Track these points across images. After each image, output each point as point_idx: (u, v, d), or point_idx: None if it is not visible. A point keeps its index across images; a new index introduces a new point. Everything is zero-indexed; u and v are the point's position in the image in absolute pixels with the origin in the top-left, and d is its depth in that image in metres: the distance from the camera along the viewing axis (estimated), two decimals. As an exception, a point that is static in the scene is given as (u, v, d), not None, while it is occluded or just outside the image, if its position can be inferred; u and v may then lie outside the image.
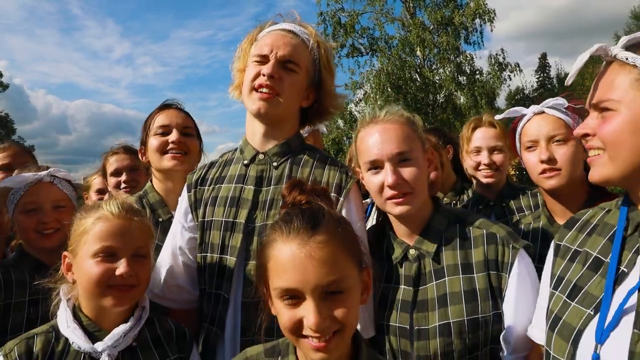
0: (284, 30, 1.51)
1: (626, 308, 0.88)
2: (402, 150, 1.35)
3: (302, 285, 0.91)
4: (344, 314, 0.92)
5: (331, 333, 0.92)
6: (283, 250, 0.94)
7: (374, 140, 1.37)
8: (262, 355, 1.09)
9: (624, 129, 0.93)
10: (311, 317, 0.89)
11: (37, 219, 1.58)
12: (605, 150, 0.97)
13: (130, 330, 1.21)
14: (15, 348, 1.15)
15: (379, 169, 1.37)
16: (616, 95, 0.95)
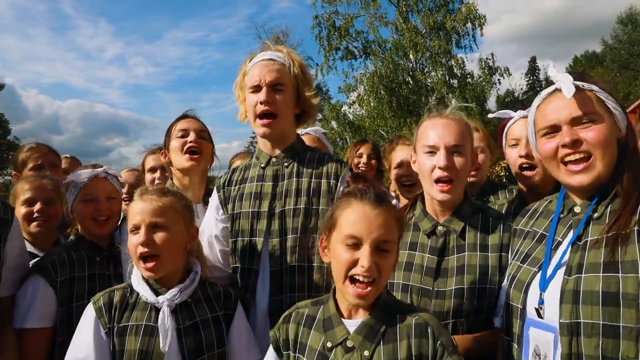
0: (265, 60, 1.86)
1: (560, 264, 1.25)
2: (457, 143, 1.60)
3: (365, 235, 1.24)
4: (384, 267, 1.26)
5: (372, 279, 1.24)
6: (358, 208, 1.27)
7: (437, 129, 1.63)
8: (309, 305, 1.42)
9: (611, 133, 1.24)
10: (365, 259, 1.22)
11: (94, 207, 1.91)
12: (595, 151, 1.24)
13: (185, 289, 1.53)
14: (101, 298, 1.49)
15: (434, 153, 1.62)
16: (594, 109, 1.25)
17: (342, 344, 1.26)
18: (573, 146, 1.25)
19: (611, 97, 1.27)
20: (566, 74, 1.27)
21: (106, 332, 1.41)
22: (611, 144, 1.25)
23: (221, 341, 1.52)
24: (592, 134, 1.23)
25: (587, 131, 1.24)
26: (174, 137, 2.18)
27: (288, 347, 1.35)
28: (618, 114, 1.27)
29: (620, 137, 1.28)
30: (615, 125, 1.26)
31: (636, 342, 1.07)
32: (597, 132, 1.23)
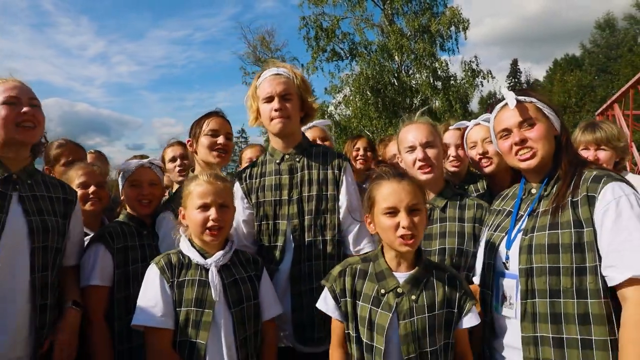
0: (273, 75, 2.23)
1: (520, 229, 1.66)
2: (428, 140, 2.09)
3: (398, 203, 1.61)
4: (419, 223, 1.62)
5: (413, 234, 1.60)
6: (388, 185, 1.64)
7: (411, 132, 2.12)
8: (360, 261, 1.78)
9: (547, 133, 1.65)
10: (404, 221, 1.60)
11: (138, 191, 2.26)
12: (538, 146, 1.65)
13: (226, 254, 1.88)
14: (161, 260, 1.83)
15: (413, 150, 2.10)
16: (533, 115, 1.67)
17: (394, 290, 1.64)
18: (521, 143, 1.67)
19: (547, 106, 1.68)
20: (511, 91, 1.69)
21: (169, 285, 1.77)
22: (548, 139, 1.66)
23: (255, 295, 1.88)
24: (534, 133, 1.65)
25: (530, 132, 1.66)
26: (204, 134, 2.46)
27: (345, 295, 1.70)
28: (553, 117, 1.68)
29: (556, 134, 1.69)
30: (551, 126, 1.68)
31: (571, 276, 1.46)
32: (537, 132, 1.65)
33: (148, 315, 1.72)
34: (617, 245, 1.41)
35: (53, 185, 1.97)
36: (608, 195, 1.47)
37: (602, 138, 2.45)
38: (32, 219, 1.78)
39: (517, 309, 1.59)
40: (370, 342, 1.61)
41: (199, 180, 1.86)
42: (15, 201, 1.78)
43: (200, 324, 1.72)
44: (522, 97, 1.68)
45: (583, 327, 1.44)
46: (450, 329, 1.62)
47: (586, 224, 1.49)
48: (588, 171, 1.58)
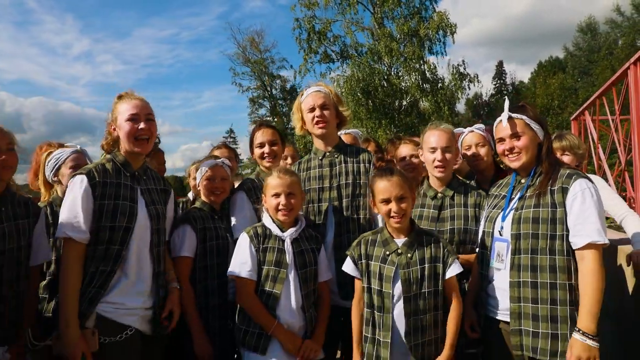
0: (315, 92, 2.80)
1: (512, 208, 2.27)
2: (447, 145, 2.60)
3: (389, 195, 2.22)
4: (405, 207, 2.22)
5: (400, 216, 2.22)
6: (381, 182, 2.25)
7: (435, 136, 2.63)
8: (370, 235, 2.38)
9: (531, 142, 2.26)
10: (394, 207, 2.21)
11: (212, 185, 2.80)
12: (524, 152, 2.26)
13: (297, 231, 2.46)
14: (251, 230, 2.42)
15: (434, 151, 2.60)
16: (520, 130, 2.27)
17: (395, 251, 2.25)
18: (510, 150, 2.28)
19: (533, 121, 2.26)
20: (507, 109, 2.27)
21: (256, 249, 2.36)
22: (531, 147, 2.24)
23: (315, 262, 2.47)
24: (520, 143, 2.25)
25: (517, 142, 2.25)
26: (255, 147, 3.10)
27: (361, 258, 2.31)
28: (537, 129, 2.26)
29: (539, 142, 2.27)
30: (535, 136, 2.26)
31: (546, 240, 2.08)
32: (522, 142, 2.24)
33: (240, 269, 2.32)
34: (581, 222, 2.04)
35: (157, 179, 2.51)
36: (577, 188, 2.09)
37: (566, 146, 3.09)
38: (150, 207, 2.32)
39: (507, 263, 2.20)
40: (379, 289, 2.23)
41: (273, 175, 2.46)
42: (139, 194, 2.31)
43: (277, 279, 2.32)
44: (515, 115, 2.28)
45: (552, 275, 2.06)
46: (437, 279, 2.20)
47: (559, 206, 2.11)
48: (562, 170, 2.20)
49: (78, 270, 2.09)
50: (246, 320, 2.35)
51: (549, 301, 2.05)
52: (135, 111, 2.28)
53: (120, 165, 2.29)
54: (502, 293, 2.22)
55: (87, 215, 2.12)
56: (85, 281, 2.11)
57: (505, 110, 2.28)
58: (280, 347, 2.29)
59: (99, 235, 2.13)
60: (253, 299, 2.32)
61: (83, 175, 2.16)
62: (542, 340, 2.04)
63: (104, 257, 2.13)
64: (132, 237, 2.20)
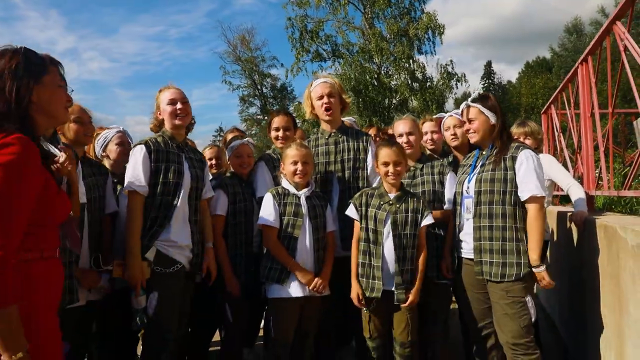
0: (323, 82, 3.40)
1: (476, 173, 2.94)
2: (410, 130, 3.28)
3: (389, 159, 2.89)
4: (400, 171, 2.91)
5: (395, 176, 2.91)
6: (385, 149, 2.92)
7: (400, 125, 3.32)
8: (370, 189, 3.05)
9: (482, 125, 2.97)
10: (391, 169, 2.89)
11: (240, 160, 3.43)
12: (476, 132, 2.99)
13: (309, 190, 3.10)
14: (273, 190, 3.06)
15: (401, 136, 3.26)
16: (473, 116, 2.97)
17: (388, 202, 2.93)
18: (468, 130, 2.96)
19: (486, 109, 2.90)
20: (465, 101, 2.99)
21: (278, 204, 2.99)
22: (482, 128, 2.89)
23: (323, 215, 3.10)
24: (473, 126, 2.92)
25: (472, 124, 2.92)
26: (272, 129, 3.69)
27: (361, 206, 2.98)
28: (490, 115, 2.89)
29: (493, 124, 2.89)
30: (487, 120, 2.89)
31: (500, 194, 2.73)
32: (474, 125, 2.91)
33: (267, 219, 2.98)
34: (525, 181, 2.72)
35: (194, 151, 3.15)
36: (522, 156, 2.76)
37: (527, 132, 3.77)
38: (192, 170, 2.94)
39: (472, 213, 2.87)
40: (374, 228, 2.89)
41: (292, 147, 3.09)
42: (184, 159, 2.93)
43: (295, 226, 2.98)
44: (472, 104, 2.95)
45: (503, 220, 2.74)
46: (416, 225, 2.89)
47: (509, 170, 2.77)
48: (513, 143, 2.88)
49: (140, 215, 2.72)
50: (270, 259, 3.00)
51: (500, 239, 2.73)
52: (174, 97, 2.93)
53: (168, 139, 2.92)
54: (469, 237, 2.89)
55: (147, 174, 2.75)
56: (148, 224, 2.74)
57: (468, 101, 2.99)
58: (296, 280, 2.94)
59: (156, 189, 2.76)
60: (276, 242, 2.97)
61: (142, 145, 2.81)
62: (494, 267, 2.72)
63: (160, 205, 2.76)
64: (181, 191, 2.83)
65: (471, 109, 2.95)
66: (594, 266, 2.87)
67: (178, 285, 2.80)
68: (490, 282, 2.76)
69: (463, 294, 3.00)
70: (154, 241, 2.73)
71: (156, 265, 2.73)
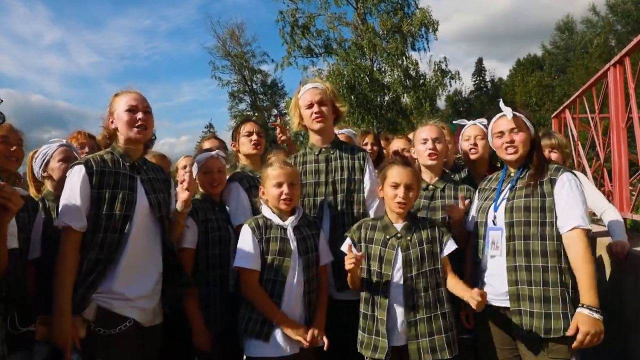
0: (312, 88, 2.85)
1: (503, 198, 2.40)
2: (437, 137, 2.75)
3: (399, 180, 2.34)
4: (410, 197, 2.35)
5: (405, 202, 2.35)
6: (396, 168, 2.37)
7: (426, 130, 2.80)
8: (371, 220, 2.50)
9: (527, 139, 2.41)
10: (401, 192, 2.33)
11: (210, 177, 2.83)
12: (520, 146, 2.41)
13: (296, 218, 2.52)
14: (252, 222, 2.46)
15: (426, 142, 2.75)
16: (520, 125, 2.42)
17: (395, 235, 2.36)
18: (510, 142, 2.40)
19: (527, 119, 2.42)
20: (508, 107, 2.43)
21: (258, 240, 2.41)
22: (527, 141, 2.39)
23: (316, 247, 2.54)
24: (518, 137, 2.39)
25: (516, 135, 2.39)
26: (242, 136, 3.16)
27: (360, 241, 2.42)
28: (531, 127, 2.42)
29: (532, 138, 2.42)
30: (529, 132, 2.41)
31: (537, 227, 2.22)
32: (520, 136, 2.39)
33: (245, 261, 2.39)
34: (567, 209, 2.20)
35: (156, 169, 2.55)
36: (564, 179, 2.25)
37: (555, 144, 3.23)
38: (151, 196, 2.36)
39: (502, 249, 2.32)
40: (379, 271, 2.35)
41: (273, 166, 2.51)
42: (139, 183, 2.34)
43: (282, 268, 2.39)
44: (515, 112, 2.43)
45: (544, 259, 2.21)
46: (436, 258, 2.35)
47: (548, 196, 2.25)
48: (551, 164, 2.37)
49: (74, 258, 2.13)
50: (249, 308, 2.42)
51: (542, 283, 2.20)
52: (134, 103, 2.34)
53: (119, 157, 2.33)
54: (498, 279, 2.34)
55: (85, 204, 2.16)
56: (84, 269, 2.15)
57: (507, 108, 2.43)
58: (282, 334, 2.36)
59: (97, 224, 2.17)
60: (257, 289, 2.39)
61: (81, 165, 2.20)
62: (536, 320, 2.18)
63: (103, 244, 2.17)
64: (132, 225, 2.24)
65: (517, 118, 2.42)
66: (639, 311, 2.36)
67: (129, 349, 2.20)
68: (526, 339, 2.21)
69: (488, 351, 2.43)
70: (92, 293, 2.13)
71: (97, 325, 2.12)
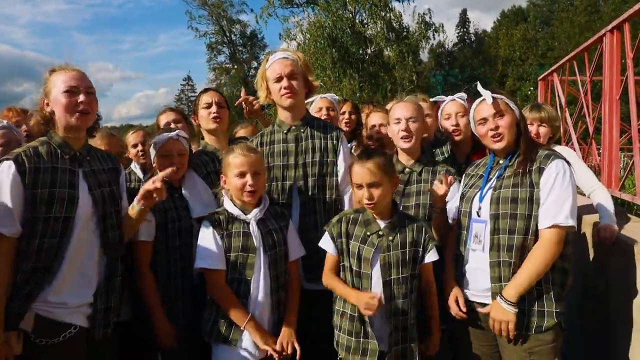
0: (281, 58, 2.55)
1: (490, 187, 2.20)
2: (412, 116, 2.49)
3: (361, 181, 2.09)
4: (378, 195, 2.10)
5: (372, 203, 2.10)
6: (356, 166, 2.12)
7: (399, 108, 2.54)
8: (352, 212, 2.26)
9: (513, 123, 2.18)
10: (365, 193, 2.09)
11: (169, 161, 2.51)
12: (505, 132, 2.18)
13: (261, 210, 2.29)
14: (213, 217, 2.23)
15: (399, 122, 2.50)
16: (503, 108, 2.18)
17: (376, 232, 2.15)
18: (494, 129, 2.17)
19: (511, 100, 2.20)
20: (487, 91, 2.19)
21: (220, 236, 2.19)
22: (512, 126, 2.18)
23: (284, 241, 2.33)
24: (503, 122, 2.16)
25: (500, 120, 2.16)
26: (201, 108, 2.88)
27: (340, 237, 2.20)
28: (515, 109, 2.20)
29: (517, 122, 2.20)
30: (513, 114, 2.19)
31: (523, 220, 2.04)
32: (505, 121, 2.16)
33: (207, 261, 2.17)
34: (550, 203, 2.03)
35: (103, 158, 2.25)
36: (552, 169, 2.05)
37: (544, 117, 2.98)
38: (95, 192, 2.08)
39: (485, 243, 2.15)
40: (358, 270, 2.15)
41: (235, 152, 2.25)
42: (81, 178, 2.06)
43: (246, 265, 2.19)
44: (495, 95, 2.20)
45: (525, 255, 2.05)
46: (416, 263, 2.15)
47: (536, 187, 2.06)
48: (540, 150, 2.15)
49: (7, 267, 1.88)
50: (214, 310, 2.23)
51: None
52: (74, 83, 2.02)
53: (57, 147, 2.03)
54: (479, 273, 2.19)
55: (17, 207, 1.88)
56: (20, 279, 1.90)
57: (485, 91, 2.18)
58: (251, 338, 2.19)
59: (33, 228, 1.90)
60: (224, 289, 2.19)
61: (10, 161, 1.90)
62: (519, 318, 2.05)
63: (41, 251, 1.91)
64: (74, 227, 1.98)
65: (498, 101, 2.19)
66: (627, 298, 2.32)
67: (76, 358, 2.00)
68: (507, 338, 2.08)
69: (466, 347, 2.32)
70: (30, 304, 1.89)
71: (37, 336, 1.90)
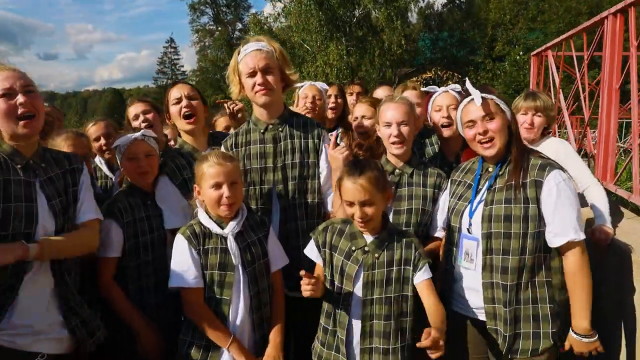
0: (254, 50, 2.33)
1: (480, 201, 2.05)
2: (404, 120, 2.30)
3: (353, 199, 1.92)
4: (371, 214, 1.93)
5: (365, 221, 1.94)
6: (348, 183, 1.92)
7: (390, 110, 2.33)
8: (340, 222, 2.10)
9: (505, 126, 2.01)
10: (357, 212, 1.92)
11: (135, 165, 2.34)
12: (497, 136, 2.01)
13: (239, 222, 2.11)
14: (187, 230, 2.06)
15: (390, 126, 2.31)
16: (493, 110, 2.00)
17: (362, 248, 2.00)
18: (483, 133, 2.01)
19: (502, 101, 2.02)
20: (477, 90, 2.01)
21: (197, 251, 2.03)
22: (504, 130, 2.01)
23: (264, 254, 2.18)
24: (493, 125, 1.99)
25: (491, 123, 2.00)
26: (171, 104, 2.63)
27: (325, 246, 2.06)
28: (507, 111, 2.03)
29: (509, 125, 2.03)
30: (505, 118, 2.02)
31: (518, 239, 1.92)
32: (496, 124, 1.99)
33: (183, 279, 2.02)
34: (558, 220, 1.91)
35: (60, 161, 2.03)
36: (551, 182, 1.91)
37: (539, 107, 2.81)
38: (53, 202, 1.89)
39: (477, 263, 2.04)
40: (340, 285, 2.02)
41: (209, 161, 2.06)
42: (38, 189, 1.86)
43: (224, 284, 2.04)
44: (485, 95, 2.02)
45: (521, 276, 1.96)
46: (407, 283, 1.99)
47: (532, 202, 1.93)
48: (534, 159, 2.00)
49: None
50: (190, 331, 2.08)
51: (522, 301, 2.00)
52: (7, 84, 1.80)
53: (7, 157, 1.83)
54: (472, 293, 2.09)
55: None
56: None
57: (475, 90, 2.00)
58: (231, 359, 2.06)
59: None
60: (202, 308, 2.04)
61: None
62: (513, 340, 2.00)
63: (3, 270, 1.72)
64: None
65: (488, 102, 2.03)
66: (625, 305, 2.25)
67: None
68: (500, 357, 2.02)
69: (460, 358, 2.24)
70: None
71: None
